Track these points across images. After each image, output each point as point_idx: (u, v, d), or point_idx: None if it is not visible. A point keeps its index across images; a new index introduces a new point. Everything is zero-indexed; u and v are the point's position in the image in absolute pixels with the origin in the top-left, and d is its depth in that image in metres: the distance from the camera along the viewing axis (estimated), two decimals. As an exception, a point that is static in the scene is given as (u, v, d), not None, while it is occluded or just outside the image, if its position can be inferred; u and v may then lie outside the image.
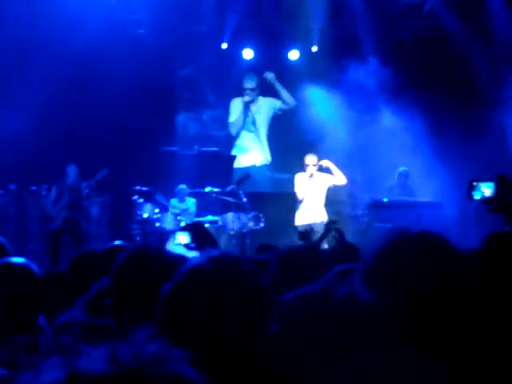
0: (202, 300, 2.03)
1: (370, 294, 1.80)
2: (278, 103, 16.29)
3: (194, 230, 3.95)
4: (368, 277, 2.00)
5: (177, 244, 3.97)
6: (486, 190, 3.33)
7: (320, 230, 12.84)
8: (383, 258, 2.03)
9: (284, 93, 16.17)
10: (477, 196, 3.27)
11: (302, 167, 13.37)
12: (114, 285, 3.12)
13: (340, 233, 7.13)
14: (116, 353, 1.10)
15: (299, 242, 8.77)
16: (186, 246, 3.98)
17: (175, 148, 15.90)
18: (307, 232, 7.98)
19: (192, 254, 3.93)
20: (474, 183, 3.74)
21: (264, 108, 16.30)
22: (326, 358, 1.61)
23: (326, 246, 11.37)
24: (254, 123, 16.22)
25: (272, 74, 16.10)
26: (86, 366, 1.06)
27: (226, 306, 2.02)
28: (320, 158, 13.36)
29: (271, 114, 16.35)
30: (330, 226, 8.42)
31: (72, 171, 13.32)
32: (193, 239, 3.93)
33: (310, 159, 13.24)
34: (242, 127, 16.27)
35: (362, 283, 1.95)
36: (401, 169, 14.33)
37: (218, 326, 1.99)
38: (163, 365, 1.09)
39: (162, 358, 1.11)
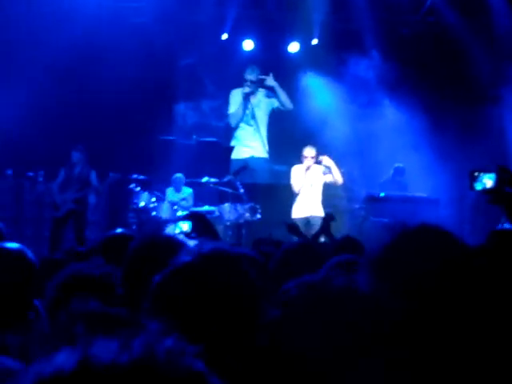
0: (188, 295, 2.03)
1: (371, 284, 1.81)
2: (275, 103, 16.15)
3: (196, 219, 3.94)
4: (374, 270, 2.01)
5: (178, 233, 3.97)
6: (488, 181, 3.34)
7: (317, 224, 12.88)
8: (390, 252, 2.04)
9: (283, 96, 15.99)
10: (478, 187, 3.28)
11: (300, 159, 13.37)
12: (125, 274, 3.11)
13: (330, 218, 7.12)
14: (129, 343, 1.10)
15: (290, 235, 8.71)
16: (187, 234, 3.98)
17: (173, 137, 15.87)
18: (295, 225, 7.96)
19: (192, 243, 3.94)
20: (476, 174, 3.74)
21: (264, 103, 16.22)
22: (324, 344, 1.62)
23: (322, 239, 11.39)
24: (253, 117, 16.13)
25: (271, 79, 15.88)
26: (98, 355, 1.06)
27: (213, 301, 2.02)
28: (319, 151, 13.36)
29: (269, 110, 16.29)
30: (327, 220, 8.39)
31: (78, 157, 13.26)
32: (194, 229, 3.93)
33: (309, 151, 13.24)
34: (242, 119, 16.20)
35: (368, 276, 1.96)
36: (396, 165, 14.34)
37: (204, 321, 1.99)
38: (175, 358, 1.10)
39: (174, 351, 1.11)
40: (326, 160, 13.28)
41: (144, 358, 1.07)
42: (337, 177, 13.32)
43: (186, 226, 3.94)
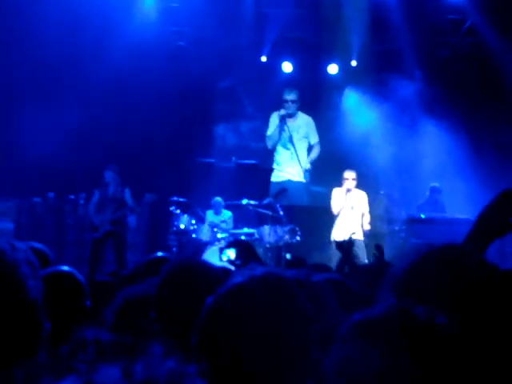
0: (243, 318, 2.02)
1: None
2: (312, 139, 16.22)
3: (241, 246, 3.93)
4: (396, 291, 1.98)
5: (223, 260, 3.96)
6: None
7: (358, 246, 12.74)
8: (411, 272, 2.02)
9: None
10: None
11: (339, 181, 13.33)
12: (158, 297, 3.13)
13: (379, 250, 7.00)
14: (131, 368, 1.10)
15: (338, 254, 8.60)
16: (231, 262, 3.97)
17: (212, 160, 15.93)
18: (345, 243, 7.76)
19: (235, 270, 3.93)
20: None
21: (303, 129, 16.17)
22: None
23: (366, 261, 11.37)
24: (291, 141, 16.07)
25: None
26: (100, 381, 1.06)
27: (267, 325, 2.01)
28: (359, 173, 13.32)
29: (307, 138, 16.28)
30: (348, 244, 8.19)
31: (110, 176, 13.30)
32: (238, 256, 3.92)
33: (349, 174, 13.20)
34: (278, 141, 16.16)
35: (390, 296, 1.93)
36: (432, 184, 14.17)
37: (258, 345, 1.98)
38: (177, 380, 1.10)
39: (176, 373, 1.11)
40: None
41: (145, 382, 1.07)
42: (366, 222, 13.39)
43: (232, 254, 3.93)
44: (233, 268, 3.60)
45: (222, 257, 3.90)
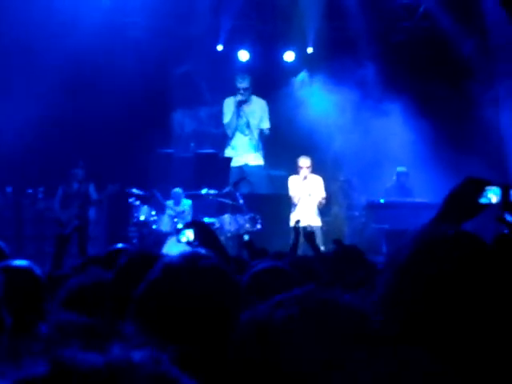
0: (174, 295, 2.08)
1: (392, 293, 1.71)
2: (265, 124, 16.44)
3: (197, 227, 3.91)
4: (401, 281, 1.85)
5: (181, 242, 3.92)
6: (493, 196, 3.29)
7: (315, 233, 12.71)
8: (418, 261, 1.84)
9: None
10: (483, 201, 3.21)
11: (296, 166, 13.30)
12: (114, 287, 3.13)
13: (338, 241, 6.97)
14: (106, 350, 1.09)
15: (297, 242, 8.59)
16: (189, 243, 3.95)
17: (171, 150, 15.87)
18: (313, 235, 7.70)
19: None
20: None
21: (258, 112, 16.31)
22: (305, 356, 1.53)
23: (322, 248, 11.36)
24: (248, 126, 16.22)
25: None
26: (73, 359, 1.05)
27: (197, 300, 2.07)
28: (313, 160, 13.29)
29: (263, 119, 16.42)
30: (310, 233, 8.16)
31: (81, 174, 13.12)
32: (196, 237, 3.90)
33: (304, 162, 13.15)
34: (236, 128, 16.30)
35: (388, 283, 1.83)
36: (400, 169, 14.22)
37: (189, 320, 2.04)
38: (151, 363, 1.09)
39: (151, 357, 1.10)
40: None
41: (120, 362, 1.06)
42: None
43: (191, 235, 3.90)
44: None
45: (180, 238, 3.86)
